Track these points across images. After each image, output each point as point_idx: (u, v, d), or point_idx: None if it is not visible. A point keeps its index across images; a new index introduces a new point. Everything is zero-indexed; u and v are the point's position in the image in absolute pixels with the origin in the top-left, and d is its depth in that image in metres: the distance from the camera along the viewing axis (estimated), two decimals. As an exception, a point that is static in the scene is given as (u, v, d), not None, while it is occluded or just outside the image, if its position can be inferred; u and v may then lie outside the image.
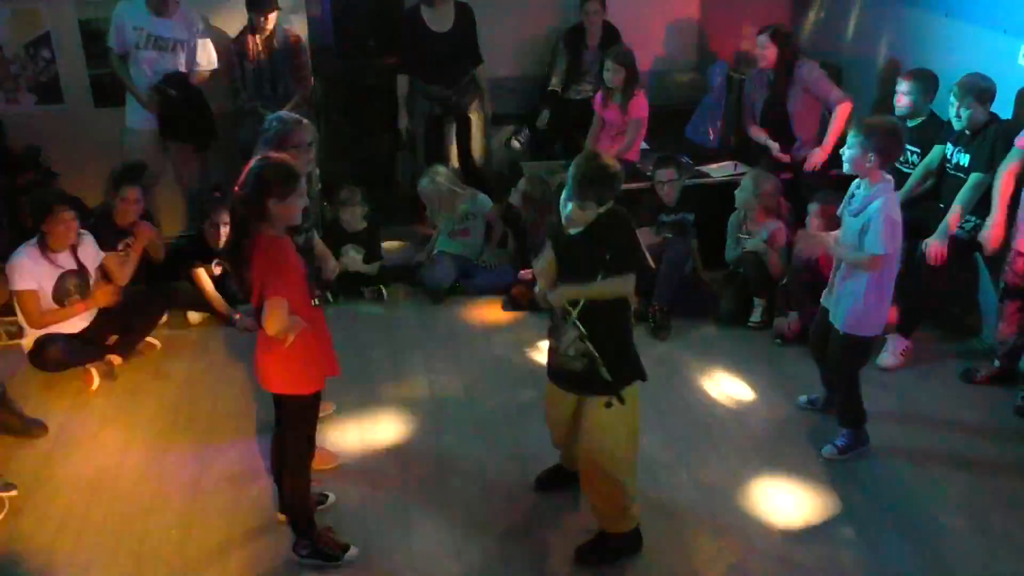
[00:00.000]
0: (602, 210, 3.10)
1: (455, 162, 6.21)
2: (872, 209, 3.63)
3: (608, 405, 3.20)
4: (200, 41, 5.61)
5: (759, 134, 5.75)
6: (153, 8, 5.45)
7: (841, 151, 3.79)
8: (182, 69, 5.59)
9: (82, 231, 4.72)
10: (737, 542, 3.54)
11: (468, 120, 6.11)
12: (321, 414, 4.18)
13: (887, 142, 3.63)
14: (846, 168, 3.75)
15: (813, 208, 4.82)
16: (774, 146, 5.63)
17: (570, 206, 3.10)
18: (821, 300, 4.04)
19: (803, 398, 4.40)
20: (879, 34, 5.85)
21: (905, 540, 3.53)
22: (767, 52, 5.53)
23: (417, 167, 6.26)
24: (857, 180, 3.77)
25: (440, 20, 5.87)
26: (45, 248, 4.55)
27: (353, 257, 5.56)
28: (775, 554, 3.48)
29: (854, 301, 3.78)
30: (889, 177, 3.71)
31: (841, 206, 3.90)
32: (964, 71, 4.61)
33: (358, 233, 5.62)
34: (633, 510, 3.39)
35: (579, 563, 3.39)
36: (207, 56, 5.67)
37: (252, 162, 3.07)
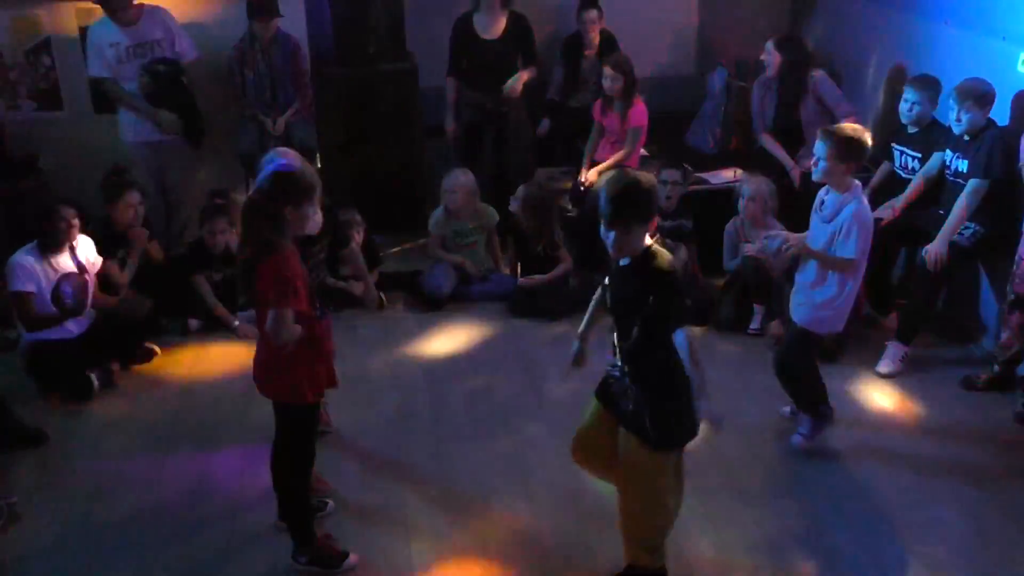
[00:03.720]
0: (650, 243, 2.94)
1: (489, 170, 6.16)
2: (846, 215, 3.70)
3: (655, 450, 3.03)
4: (176, 33, 5.57)
5: (773, 145, 5.74)
6: (118, 20, 5.42)
7: (812, 162, 3.81)
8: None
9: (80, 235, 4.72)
10: (733, 545, 3.54)
11: (505, 129, 6.10)
12: (320, 428, 4.20)
13: (857, 150, 3.69)
14: (816, 178, 3.80)
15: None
16: (789, 162, 5.63)
17: (611, 234, 2.89)
18: (790, 313, 4.05)
19: (787, 408, 4.35)
20: (879, 41, 5.87)
21: (905, 548, 3.53)
22: (771, 59, 5.56)
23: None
24: (825, 187, 3.83)
25: (491, 27, 5.88)
26: (46, 251, 4.56)
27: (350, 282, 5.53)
28: (772, 559, 3.48)
29: (827, 304, 3.84)
30: (857, 182, 3.77)
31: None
32: (964, 78, 4.62)
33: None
34: (661, 550, 3.25)
35: None
36: (189, 46, 5.63)
37: (267, 169, 3.08)
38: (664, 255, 2.95)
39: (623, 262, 2.98)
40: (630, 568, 3.27)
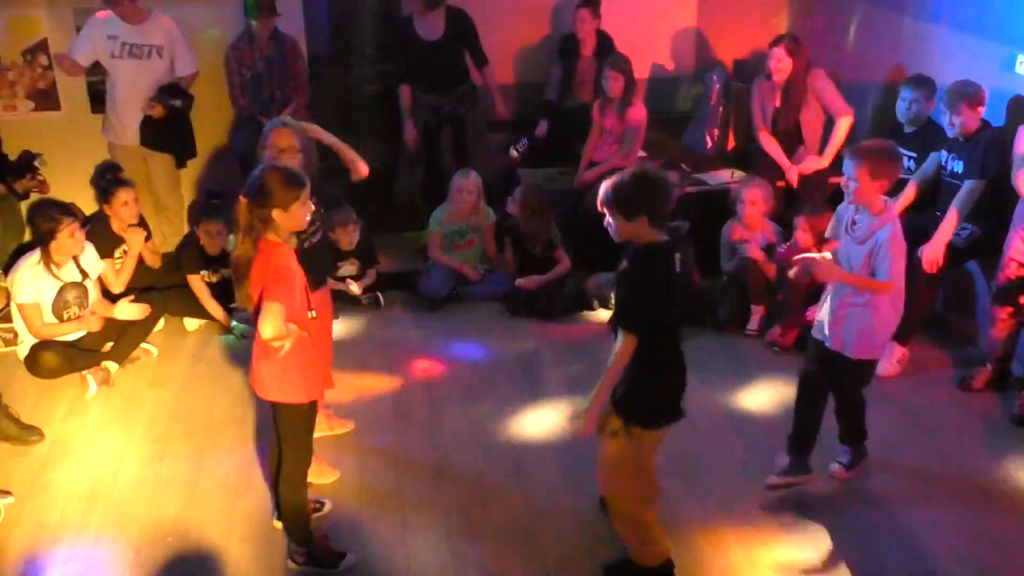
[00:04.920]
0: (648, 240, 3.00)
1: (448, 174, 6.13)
2: (881, 237, 3.52)
3: (613, 434, 3.11)
4: (180, 46, 5.58)
5: (771, 145, 5.74)
6: (121, 16, 5.40)
7: (843, 182, 3.64)
8: (162, 76, 5.55)
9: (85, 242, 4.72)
10: (732, 549, 3.54)
11: (464, 129, 6.07)
12: (340, 431, 4.20)
13: (890, 166, 3.53)
14: (849, 201, 3.62)
15: (799, 221, 4.82)
16: (785, 163, 5.64)
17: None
18: (812, 333, 3.87)
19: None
20: (877, 42, 5.87)
21: (902, 549, 3.53)
22: (784, 65, 5.53)
23: (416, 177, 6.24)
24: (854, 206, 3.63)
25: (430, 29, 5.81)
26: (48, 261, 4.54)
27: (349, 283, 5.49)
28: (771, 562, 3.48)
29: (863, 324, 3.63)
30: (891, 201, 3.63)
31: (831, 228, 3.79)
32: (961, 79, 4.62)
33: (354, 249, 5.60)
34: (656, 547, 3.28)
35: None
36: (189, 61, 5.64)
37: (256, 170, 3.08)
38: (646, 253, 3.00)
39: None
40: (628, 563, 3.33)
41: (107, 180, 5.16)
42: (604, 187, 3.02)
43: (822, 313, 3.76)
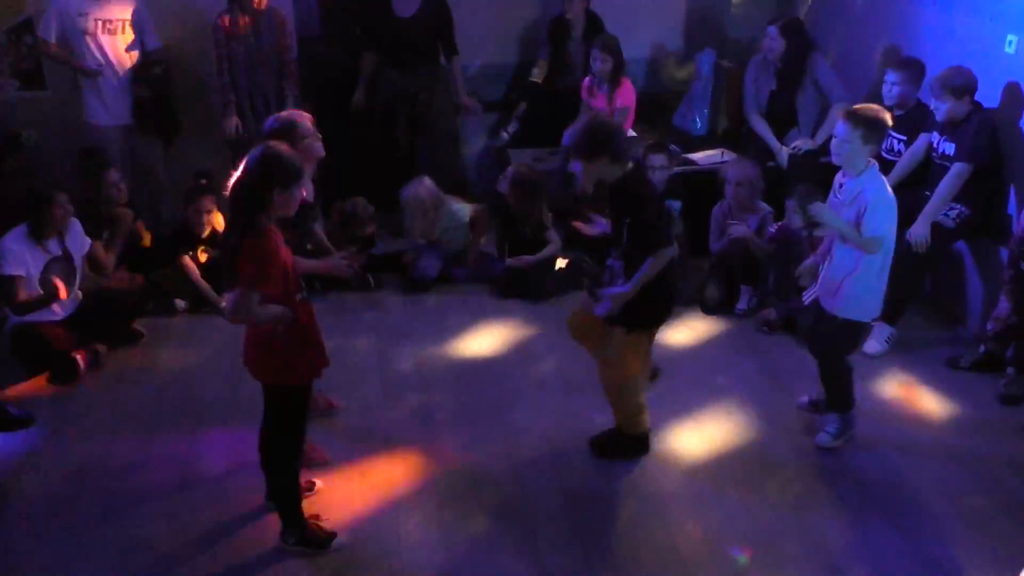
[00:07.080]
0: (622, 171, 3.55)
1: (402, 152, 6.11)
2: (868, 195, 3.64)
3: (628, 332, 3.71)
4: (146, 20, 5.50)
5: (762, 127, 5.72)
6: None
7: (834, 143, 3.74)
8: (137, 51, 5.49)
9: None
10: (723, 528, 3.56)
11: (424, 112, 6.04)
12: (331, 412, 4.20)
13: (881, 131, 3.68)
14: (838, 161, 3.73)
15: (791, 205, 4.82)
16: (776, 145, 5.63)
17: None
18: (806, 297, 4.01)
19: (804, 399, 4.32)
20: (869, 22, 5.86)
21: (890, 526, 3.56)
22: (775, 44, 5.53)
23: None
24: (842, 172, 3.76)
25: (405, 5, 5.76)
26: (36, 235, 4.52)
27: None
28: (762, 540, 3.50)
29: (857, 287, 3.75)
30: (874, 161, 3.73)
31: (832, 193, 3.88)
32: (952, 60, 4.62)
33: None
34: (641, 417, 3.89)
35: (593, 451, 3.96)
36: (152, 35, 5.56)
37: (253, 150, 3.05)
38: (625, 181, 3.59)
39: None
40: (618, 431, 3.94)
41: (91, 163, 5.12)
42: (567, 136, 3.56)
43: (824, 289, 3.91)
